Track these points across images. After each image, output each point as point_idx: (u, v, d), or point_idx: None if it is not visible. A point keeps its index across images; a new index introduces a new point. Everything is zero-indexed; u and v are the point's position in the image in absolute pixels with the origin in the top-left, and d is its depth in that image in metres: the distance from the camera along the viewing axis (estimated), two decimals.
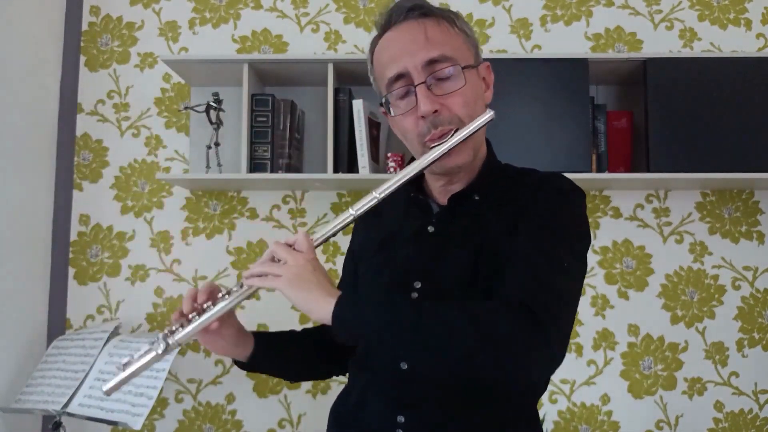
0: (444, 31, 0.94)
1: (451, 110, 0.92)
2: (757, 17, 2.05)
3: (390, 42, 0.95)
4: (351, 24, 2.08)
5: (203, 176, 1.83)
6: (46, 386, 1.68)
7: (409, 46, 0.92)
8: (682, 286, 1.98)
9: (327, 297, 0.83)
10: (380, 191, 0.90)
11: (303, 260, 0.86)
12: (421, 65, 0.91)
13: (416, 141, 0.95)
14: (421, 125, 0.93)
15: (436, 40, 0.92)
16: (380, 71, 0.97)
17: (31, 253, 1.93)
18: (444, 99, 0.92)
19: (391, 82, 0.94)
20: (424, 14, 0.95)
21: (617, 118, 1.90)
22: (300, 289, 0.84)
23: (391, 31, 0.96)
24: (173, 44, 2.09)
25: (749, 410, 1.94)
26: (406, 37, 0.93)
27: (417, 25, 0.93)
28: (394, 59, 0.93)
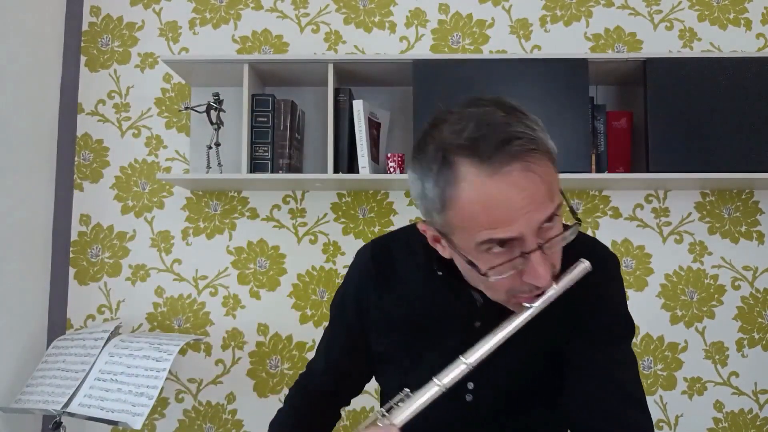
0: (554, 169, 0.77)
1: (556, 267, 0.80)
2: (757, 17, 2.05)
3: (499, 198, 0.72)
4: (351, 24, 2.08)
5: (204, 176, 1.83)
6: (47, 386, 1.68)
7: (525, 203, 0.72)
8: (681, 286, 1.98)
9: None
10: (470, 359, 0.78)
11: None
12: (538, 227, 0.74)
13: (504, 293, 0.80)
14: (521, 285, 0.78)
15: (554, 187, 0.75)
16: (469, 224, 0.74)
17: (32, 253, 1.93)
18: (552, 256, 0.78)
19: (492, 242, 0.74)
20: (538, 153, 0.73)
21: (617, 118, 1.90)
22: None
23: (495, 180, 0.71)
24: (174, 44, 2.09)
25: (749, 410, 1.94)
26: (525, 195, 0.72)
27: (536, 177, 0.72)
28: (506, 222, 0.72)
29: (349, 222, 2.02)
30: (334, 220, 2.02)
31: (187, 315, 2.01)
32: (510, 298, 0.81)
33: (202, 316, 2.00)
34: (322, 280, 2.01)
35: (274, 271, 2.02)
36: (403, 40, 2.07)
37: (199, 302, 2.01)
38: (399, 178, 1.80)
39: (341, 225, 2.02)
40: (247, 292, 2.01)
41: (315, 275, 2.01)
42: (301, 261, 2.01)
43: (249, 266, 2.02)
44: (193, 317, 2.00)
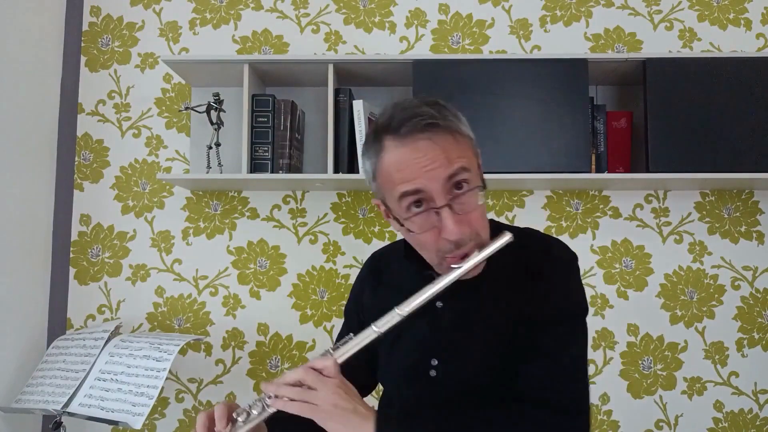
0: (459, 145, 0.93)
1: (472, 227, 0.93)
2: (757, 17, 2.06)
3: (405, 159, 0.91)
4: (351, 25, 2.08)
5: (204, 176, 1.83)
6: (47, 386, 1.69)
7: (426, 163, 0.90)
8: (681, 286, 1.98)
9: (364, 422, 0.87)
10: (403, 309, 0.92)
11: (334, 387, 0.88)
12: (443, 182, 0.90)
13: (434, 254, 0.95)
14: (444, 244, 0.92)
15: (455, 156, 0.91)
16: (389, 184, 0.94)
17: (32, 253, 1.94)
18: (466, 217, 0.92)
19: (406, 195, 0.91)
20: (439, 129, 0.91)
21: (617, 118, 1.90)
22: (338, 419, 0.86)
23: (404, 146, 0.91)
24: (174, 45, 2.09)
25: (749, 410, 1.94)
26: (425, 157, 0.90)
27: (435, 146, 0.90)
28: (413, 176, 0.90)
29: (349, 222, 2.02)
30: (334, 220, 2.02)
31: (187, 315, 2.01)
32: (441, 261, 0.95)
33: (203, 316, 2.00)
34: (322, 280, 2.01)
35: (274, 271, 2.02)
36: (403, 40, 2.07)
37: (199, 302, 2.01)
38: None
39: (341, 225, 2.02)
40: (247, 292, 2.01)
41: (315, 275, 2.01)
42: (301, 261, 2.01)
43: (249, 266, 2.02)
44: (193, 317, 2.00)
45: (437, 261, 0.96)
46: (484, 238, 0.95)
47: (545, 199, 2.01)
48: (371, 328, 0.92)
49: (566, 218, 2.01)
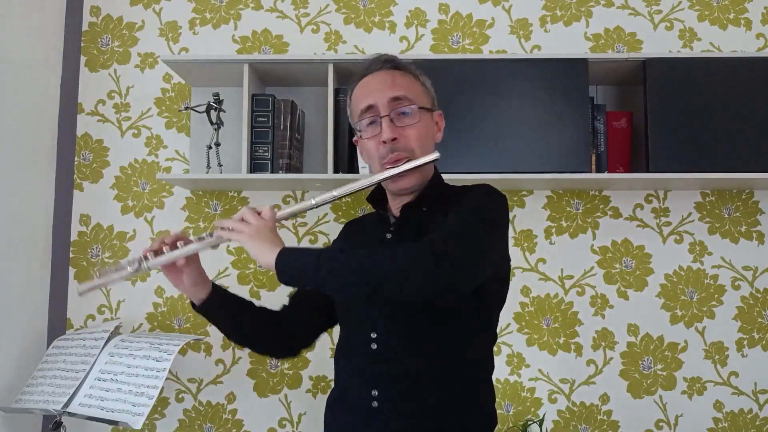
0: (408, 80, 1.21)
1: (407, 140, 1.15)
2: (757, 17, 2.06)
3: (365, 83, 1.21)
4: (351, 24, 2.08)
5: (204, 176, 1.83)
6: (47, 386, 1.69)
7: (379, 86, 1.18)
8: (681, 286, 1.98)
9: (274, 248, 1.04)
10: (339, 192, 1.13)
11: (263, 224, 1.08)
12: (387, 101, 1.16)
13: (377, 161, 1.18)
14: (382, 149, 1.16)
15: (400, 84, 1.18)
16: (355, 105, 1.22)
17: (32, 253, 1.94)
18: (402, 130, 1.16)
19: (362, 112, 1.19)
20: (395, 66, 1.21)
21: (617, 118, 1.90)
22: (255, 243, 1.06)
23: (367, 77, 1.21)
24: (173, 44, 2.09)
25: (749, 410, 1.94)
26: (377, 80, 1.19)
27: (388, 72, 1.20)
28: (367, 95, 1.18)
29: None
30: (334, 220, 2.02)
31: (187, 315, 2.01)
32: (382, 168, 1.16)
33: None
34: None
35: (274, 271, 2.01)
36: (403, 40, 2.07)
37: None
38: None
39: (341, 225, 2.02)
40: (247, 291, 2.01)
41: None
42: None
43: (249, 266, 2.02)
44: (193, 317, 2.00)
45: (379, 167, 1.17)
46: (417, 154, 1.16)
47: (545, 199, 2.01)
48: (310, 201, 1.13)
49: (566, 218, 2.01)
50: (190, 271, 1.17)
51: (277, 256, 1.03)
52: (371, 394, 1.11)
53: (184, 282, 1.18)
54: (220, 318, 1.25)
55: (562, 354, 1.97)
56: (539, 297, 1.99)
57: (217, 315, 1.24)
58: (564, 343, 1.97)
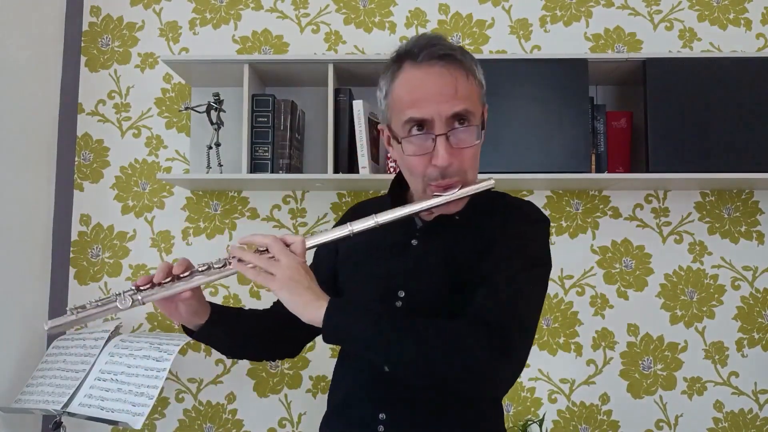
0: (470, 85, 1.00)
1: (461, 164, 0.99)
2: (757, 17, 2.06)
3: (417, 83, 0.98)
4: (351, 25, 2.08)
5: (204, 176, 1.83)
6: (47, 386, 1.69)
7: (438, 96, 0.96)
8: (681, 286, 1.98)
9: (317, 301, 0.89)
10: (381, 218, 0.97)
11: (296, 263, 0.91)
12: (447, 117, 0.96)
13: (420, 180, 1.01)
14: (432, 171, 0.98)
15: (463, 94, 0.98)
16: (398, 105, 1.00)
17: (32, 253, 1.94)
18: (458, 152, 0.98)
19: (412, 121, 0.98)
20: (456, 62, 0.98)
21: (617, 118, 1.90)
22: (292, 292, 0.89)
23: (419, 70, 0.98)
24: (174, 44, 2.09)
25: (749, 410, 1.94)
26: (436, 82, 0.97)
27: (449, 74, 0.97)
28: (421, 104, 0.97)
29: None
30: (334, 220, 2.02)
31: None
32: (425, 188, 1.01)
33: None
34: None
35: None
36: (403, 41, 2.06)
37: None
38: None
39: None
40: (247, 291, 2.01)
41: None
42: None
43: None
44: None
45: (422, 188, 1.02)
46: (470, 178, 1.01)
47: (545, 199, 2.01)
48: (346, 226, 0.97)
49: (566, 218, 2.01)
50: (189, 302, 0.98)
51: (325, 315, 0.88)
52: (378, 417, 1.01)
53: (179, 312, 0.99)
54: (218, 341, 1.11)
55: (562, 354, 1.97)
56: None
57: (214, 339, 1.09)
58: (564, 343, 1.97)
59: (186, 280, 0.94)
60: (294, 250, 0.93)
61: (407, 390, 1.01)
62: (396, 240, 1.09)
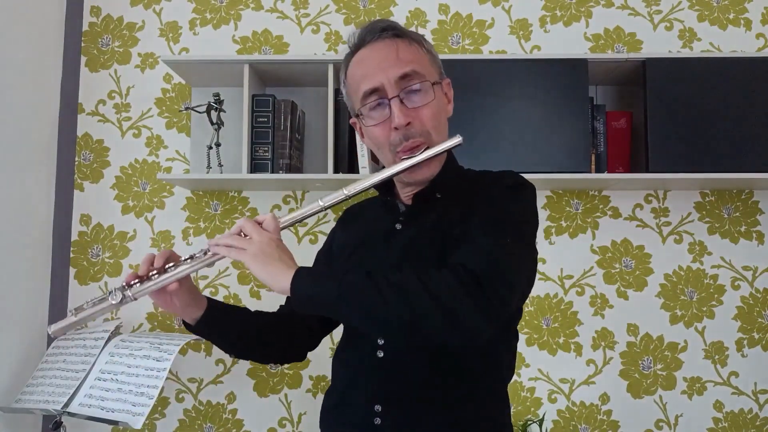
0: (414, 50, 1.03)
1: (422, 122, 1.00)
2: (757, 17, 2.06)
3: (364, 59, 1.04)
4: (351, 25, 2.08)
5: (204, 176, 1.84)
6: (47, 386, 1.69)
7: (383, 63, 1.01)
8: (681, 286, 1.98)
9: (287, 270, 0.90)
10: (350, 190, 0.99)
11: (267, 238, 0.93)
12: (395, 80, 0.99)
13: (387, 150, 1.03)
14: (394, 136, 1.00)
15: (407, 58, 1.01)
16: (354, 86, 1.05)
17: (32, 253, 1.94)
18: (415, 112, 1.00)
19: (366, 95, 1.02)
20: (396, 35, 1.03)
21: (616, 118, 1.90)
22: (262, 264, 0.91)
23: (364, 50, 1.04)
24: (174, 45, 2.09)
25: (749, 410, 1.94)
26: (379, 54, 1.02)
27: (390, 43, 1.02)
28: (369, 75, 1.01)
29: None
30: (334, 220, 2.02)
31: None
32: (394, 157, 1.02)
33: None
34: None
35: None
36: None
37: None
38: None
39: None
40: (247, 291, 2.01)
41: None
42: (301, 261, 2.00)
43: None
44: None
45: (391, 157, 1.03)
46: (435, 138, 1.01)
47: (545, 199, 2.01)
48: (318, 202, 0.98)
49: (566, 218, 2.01)
50: (181, 293, 1.01)
51: (292, 281, 0.89)
52: (374, 409, 0.99)
53: (175, 304, 1.03)
54: (219, 335, 1.11)
55: (562, 354, 1.97)
56: (539, 297, 1.99)
57: (215, 333, 1.10)
58: (564, 342, 1.97)
59: (171, 272, 0.97)
60: (266, 227, 0.96)
61: (403, 381, 0.99)
62: (381, 227, 1.09)
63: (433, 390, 0.99)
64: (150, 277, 0.97)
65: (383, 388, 1.00)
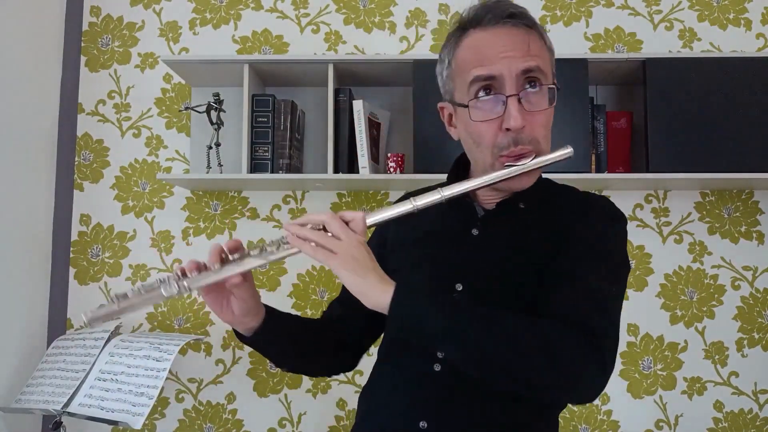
0: (543, 47, 0.93)
1: (533, 129, 0.90)
2: (757, 17, 2.06)
3: (484, 42, 0.91)
4: (351, 25, 2.08)
5: (204, 176, 1.83)
6: (47, 386, 1.69)
7: (508, 51, 0.88)
8: (681, 286, 1.98)
9: (382, 284, 0.80)
10: (447, 192, 0.87)
11: (357, 241, 0.82)
12: (517, 73, 0.88)
13: (489, 150, 0.91)
14: (502, 138, 0.90)
15: (536, 52, 0.90)
16: (463, 69, 0.92)
17: (32, 253, 1.93)
18: (531, 115, 0.90)
19: (478, 81, 0.90)
20: (528, 20, 0.92)
21: (616, 118, 1.90)
22: (355, 273, 0.80)
23: (486, 32, 0.91)
24: (174, 45, 2.09)
25: (749, 410, 1.94)
26: (505, 39, 0.89)
27: (520, 32, 0.90)
28: (489, 60, 0.89)
29: None
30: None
31: (187, 315, 2.01)
32: (495, 160, 0.91)
33: (203, 316, 2.00)
34: (322, 280, 2.01)
35: (274, 271, 2.02)
36: (403, 41, 2.07)
37: (199, 302, 2.01)
38: (399, 178, 1.80)
39: None
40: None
41: (315, 275, 2.01)
42: (302, 261, 2.01)
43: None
44: (193, 317, 2.00)
45: (491, 161, 0.92)
46: (543, 147, 0.92)
47: None
48: (409, 200, 0.86)
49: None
50: (242, 295, 0.87)
51: (392, 301, 0.79)
52: (419, 426, 0.90)
53: (232, 309, 0.88)
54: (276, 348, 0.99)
55: None
56: None
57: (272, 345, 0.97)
58: None
59: (237, 263, 0.83)
60: (354, 228, 0.83)
61: (456, 396, 0.90)
62: (454, 228, 0.98)
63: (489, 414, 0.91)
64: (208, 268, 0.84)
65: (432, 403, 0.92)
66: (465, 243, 0.97)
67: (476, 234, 0.97)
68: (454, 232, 0.98)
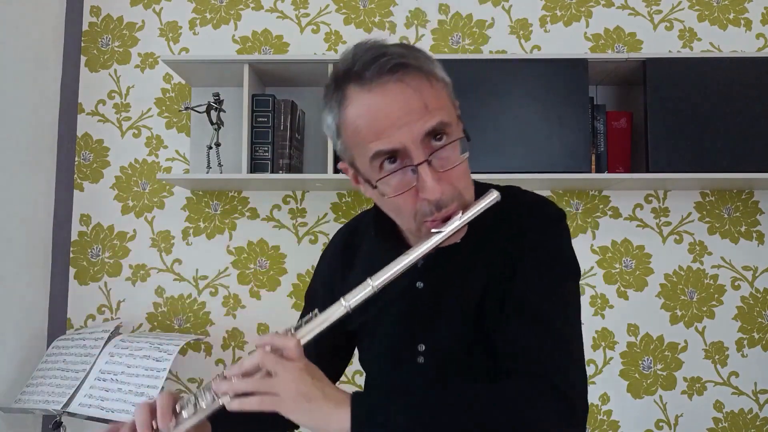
0: (436, 91, 0.82)
1: (454, 186, 0.82)
2: (757, 17, 2.06)
3: (375, 110, 0.79)
4: (351, 25, 2.08)
5: (204, 176, 1.84)
6: (47, 386, 1.69)
7: (404, 117, 0.78)
8: (681, 286, 1.98)
9: (337, 409, 0.74)
10: (376, 281, 0.80)
11: (298, 371, 0.74)
12: (421, 138, 0.78)
13: (412, 218, 0.83)
14: (423, 205, 0.81)
15: (434, 105, 0.80)
16: (358, 140, 0.81)
17: (32, 253, 1.94)
18: (447, 175, 0.81)
19: (380, 155, 0.79)
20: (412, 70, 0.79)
21: (616, 118, 1.90)
22: (306, 408, 0.73)
23: (371, 93, 0.79)
24: (174, 45, 2.09)
25: (749, 410, 1.94)
26: (400, 102, 0.78)
27: (409, 89, 0.79)
28: (386, 132, 0.78)
29: None
30: (334, 220, 2.02)
31: (187, 315, 2.01)
32: (420, 226, 0.83)
33: (203, 316, 2.00)
34: None
35: (274, 271, 2.02)
36: (403, 41, 2.07)
37: (199, 302, 2.01)
38: None
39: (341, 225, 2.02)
40: (247, 292, 2.01)
41: None
42: (302, 261, 2.01)
43: (249, 266, 2.02)
44: (193, 317, 2.00)
45: (416, 227, 0.84)
46: (467, 198, 0.84)
47: None
48: (340, 302, 0.79)
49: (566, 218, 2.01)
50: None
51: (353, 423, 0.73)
52: None
53: None
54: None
55: None
56: None
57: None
58: None
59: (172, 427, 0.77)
60: (289, 356, 0.76)
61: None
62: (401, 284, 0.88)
63: None
64: None
65: None
66: (414, 297, 0.92)
67: (421, 287, 0.92)
68: (400, 286, 0.89)
